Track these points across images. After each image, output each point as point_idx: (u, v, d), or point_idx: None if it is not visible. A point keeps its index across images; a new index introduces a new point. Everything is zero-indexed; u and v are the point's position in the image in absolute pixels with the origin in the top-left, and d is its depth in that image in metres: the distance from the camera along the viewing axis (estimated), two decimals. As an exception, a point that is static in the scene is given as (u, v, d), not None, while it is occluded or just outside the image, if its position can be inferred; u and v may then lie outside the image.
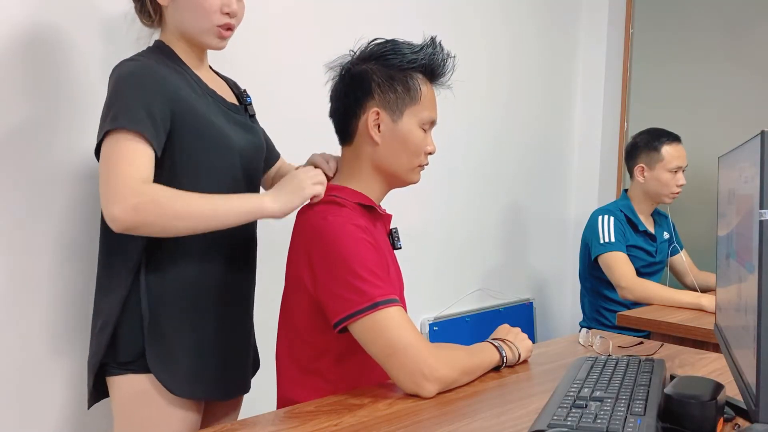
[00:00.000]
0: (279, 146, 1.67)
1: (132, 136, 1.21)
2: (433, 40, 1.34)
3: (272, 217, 1.30)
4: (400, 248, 1.42)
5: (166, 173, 1.28)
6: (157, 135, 1.25)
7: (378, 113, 1.30)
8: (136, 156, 1.21)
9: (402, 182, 1.37)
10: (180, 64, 1.37)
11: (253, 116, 1.52)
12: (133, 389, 1.32)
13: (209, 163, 1.33)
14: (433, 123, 1.36)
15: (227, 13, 1.35)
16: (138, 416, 1.33)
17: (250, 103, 1.52)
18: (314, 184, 1.30)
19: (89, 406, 1.40)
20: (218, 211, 1.25)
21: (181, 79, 1.33)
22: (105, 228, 1.34)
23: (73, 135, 1.56)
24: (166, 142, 1.28)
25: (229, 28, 1.37)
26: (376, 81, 1.30)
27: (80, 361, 1.57)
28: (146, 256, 1.32)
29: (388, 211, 1.41)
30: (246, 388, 1.50)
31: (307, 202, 1.32)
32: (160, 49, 1.38)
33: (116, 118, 1.23)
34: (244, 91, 1.54)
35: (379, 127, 1.30)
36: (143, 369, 1.31)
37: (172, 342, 1.32)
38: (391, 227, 1.42)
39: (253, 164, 1.45)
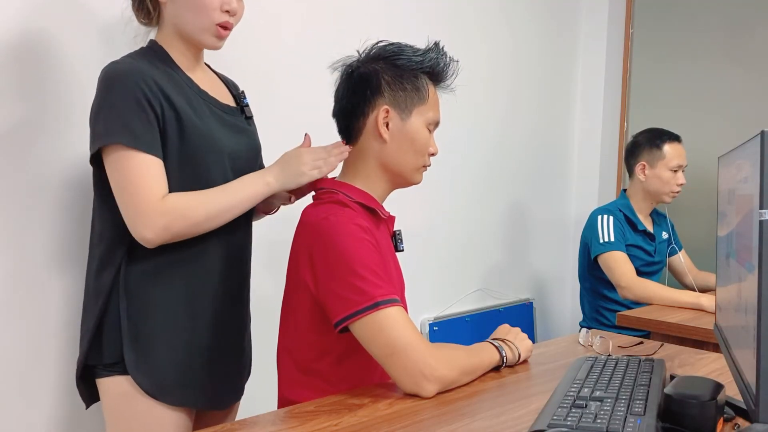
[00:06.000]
0: (278, 148, 1.66)
1: (136, 152, 1.23)
2: (436, 44, 1.36)
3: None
4: (402, 250, 1.42)
5: None
6: (157, 144, 1.26)
7: (388, 111, 1.30)
8: (148, 173, 1.25)
9: (406, 182, 1.37)
10: (171, 65, 1.36)
11: (249, 118, 1.50)
12: (119, 391, 1.31)
13: (197, 167, 1.32)
14: (437, 124, 1.37)
15: (227, 11, 1.34)
16: (127, 418, 1.32)
17: (247, 105, 1.50)
18: (312, 170, 1.34)
19: (87, 407, 1.39)
20: (233, 202, 1.32)
21: (171, 82, 1.32)
22: (94, 232, 1.35)
23: (65, 139, 1.54)
24: None
25: (227, 28, 1.36)
26: (386, 79, 1.31)
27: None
28: (128, 260, 1.31)
29: (390, 213, 1.41)
30: (239, 394, 1.48)
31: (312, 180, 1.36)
32: (152, 50, 1.37)
33: (114, 132, 1.23)
34: (243, 92, 1.52)
35: (387, 125, 1.31)
36: (127, 370, 1.30)
37: (152, 346, 1.31)
38: (394, 229, 1.42)
39: (246, 166, 1.42)
